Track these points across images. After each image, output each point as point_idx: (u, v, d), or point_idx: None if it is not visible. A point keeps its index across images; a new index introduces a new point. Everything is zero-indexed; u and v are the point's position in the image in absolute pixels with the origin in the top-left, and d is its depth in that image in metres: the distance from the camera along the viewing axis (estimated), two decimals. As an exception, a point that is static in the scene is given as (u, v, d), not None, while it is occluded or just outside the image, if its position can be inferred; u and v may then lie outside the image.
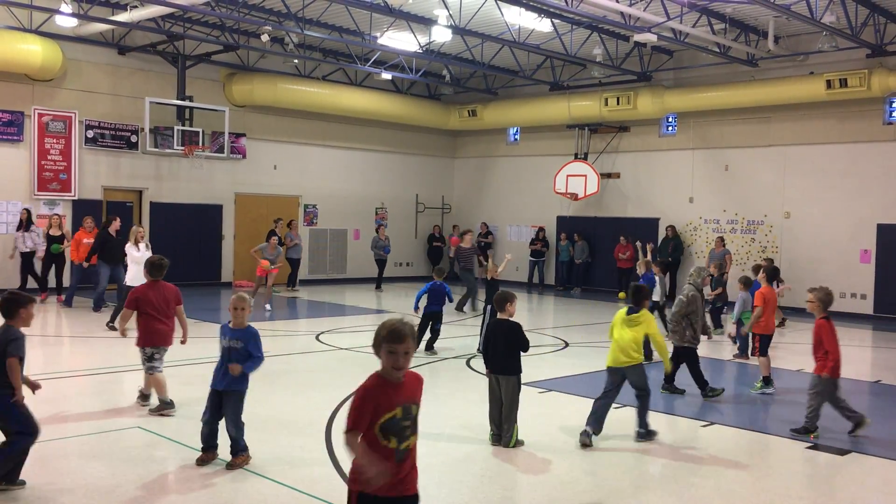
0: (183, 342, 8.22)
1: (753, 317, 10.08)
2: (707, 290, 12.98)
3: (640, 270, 13.53)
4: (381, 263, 22.03)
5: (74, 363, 11.05)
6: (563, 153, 23.16)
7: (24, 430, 5.82)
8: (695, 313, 9.53)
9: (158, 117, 19.08)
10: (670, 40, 16.90)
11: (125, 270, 13.51)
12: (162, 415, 7.94)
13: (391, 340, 3.66)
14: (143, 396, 8.38)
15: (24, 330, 5.90)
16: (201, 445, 6.51)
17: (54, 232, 16.57)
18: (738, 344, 12.48)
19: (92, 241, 15.61)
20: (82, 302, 16.07)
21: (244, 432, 6.46)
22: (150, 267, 8.08)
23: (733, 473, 6.74)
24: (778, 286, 16.47)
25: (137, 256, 12.55)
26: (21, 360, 5.79)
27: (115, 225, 15.43)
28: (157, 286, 8.02)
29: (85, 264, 15.56)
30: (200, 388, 7.39)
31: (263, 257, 16.56)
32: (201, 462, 6.43)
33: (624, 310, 7.79)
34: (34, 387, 6.06)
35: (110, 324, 13.33)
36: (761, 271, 11.49)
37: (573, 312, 18.48)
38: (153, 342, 7.95)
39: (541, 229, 23.47)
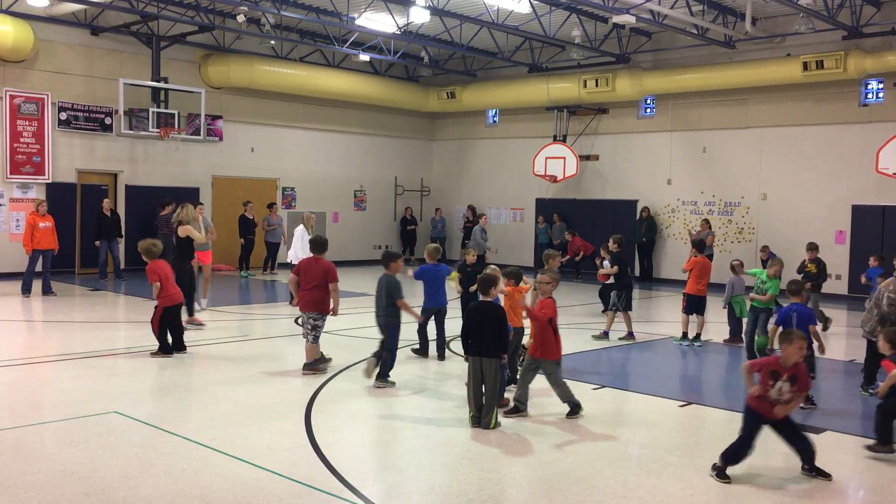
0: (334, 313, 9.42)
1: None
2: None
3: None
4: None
5: (49, 348, 10.93)
6: (541, 135, 23.15)
7: (396, 346, 8.60)
8: None
9: (133, 99, 18.82)
10: (649, 22, 16.91)
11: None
12: (315, 371, 9.12)
13: None
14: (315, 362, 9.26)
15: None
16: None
17: None
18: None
19: (49, 224, 15.24)
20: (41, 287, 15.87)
21: None
22: (312, 244, 9.41)
23: (710, 452, 6.80)
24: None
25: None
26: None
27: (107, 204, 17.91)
28: (317, 262, 9.18)
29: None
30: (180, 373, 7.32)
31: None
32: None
33: None
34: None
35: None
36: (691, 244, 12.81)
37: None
38: (315, 309, 9.13)
39: (469, 207, 24.52)
